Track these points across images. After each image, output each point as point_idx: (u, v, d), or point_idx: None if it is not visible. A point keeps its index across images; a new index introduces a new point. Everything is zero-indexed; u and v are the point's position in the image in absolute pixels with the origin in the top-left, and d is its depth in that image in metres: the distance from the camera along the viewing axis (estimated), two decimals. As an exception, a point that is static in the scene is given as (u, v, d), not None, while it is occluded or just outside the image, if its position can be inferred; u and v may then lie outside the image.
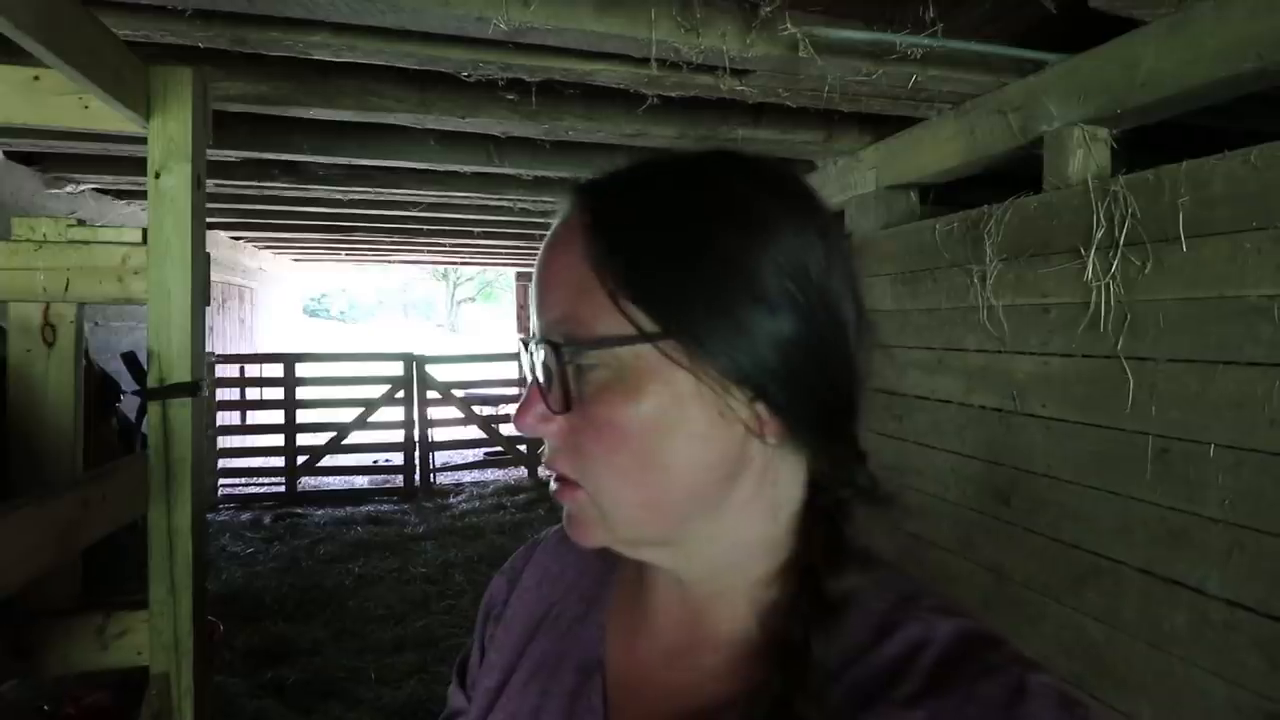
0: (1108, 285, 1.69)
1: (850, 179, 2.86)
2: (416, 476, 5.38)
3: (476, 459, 6.13)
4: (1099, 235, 1.71)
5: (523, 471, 5.88)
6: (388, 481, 5.56)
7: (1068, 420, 1.84)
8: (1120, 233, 1.67)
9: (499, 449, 5.98)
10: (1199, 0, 1.46)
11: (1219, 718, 1.43)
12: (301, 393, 5.29)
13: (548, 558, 0.54)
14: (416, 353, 5.48)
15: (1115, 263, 1.68)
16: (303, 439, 5.25)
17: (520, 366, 6.53)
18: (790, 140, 2.60)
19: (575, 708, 0.44)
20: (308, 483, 5.38)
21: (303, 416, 5.35)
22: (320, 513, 4.69)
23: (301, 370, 5.31)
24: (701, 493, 0.39)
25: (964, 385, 2.19)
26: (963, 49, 1.79)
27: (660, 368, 0.37)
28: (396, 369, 5.38)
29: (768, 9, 1.63)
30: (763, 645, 0.40)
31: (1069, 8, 1.56)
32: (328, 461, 5.34)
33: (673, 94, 2.06)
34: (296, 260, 7.83)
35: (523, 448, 5.84)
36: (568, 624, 0.48)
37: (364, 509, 4.82)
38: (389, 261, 7.65)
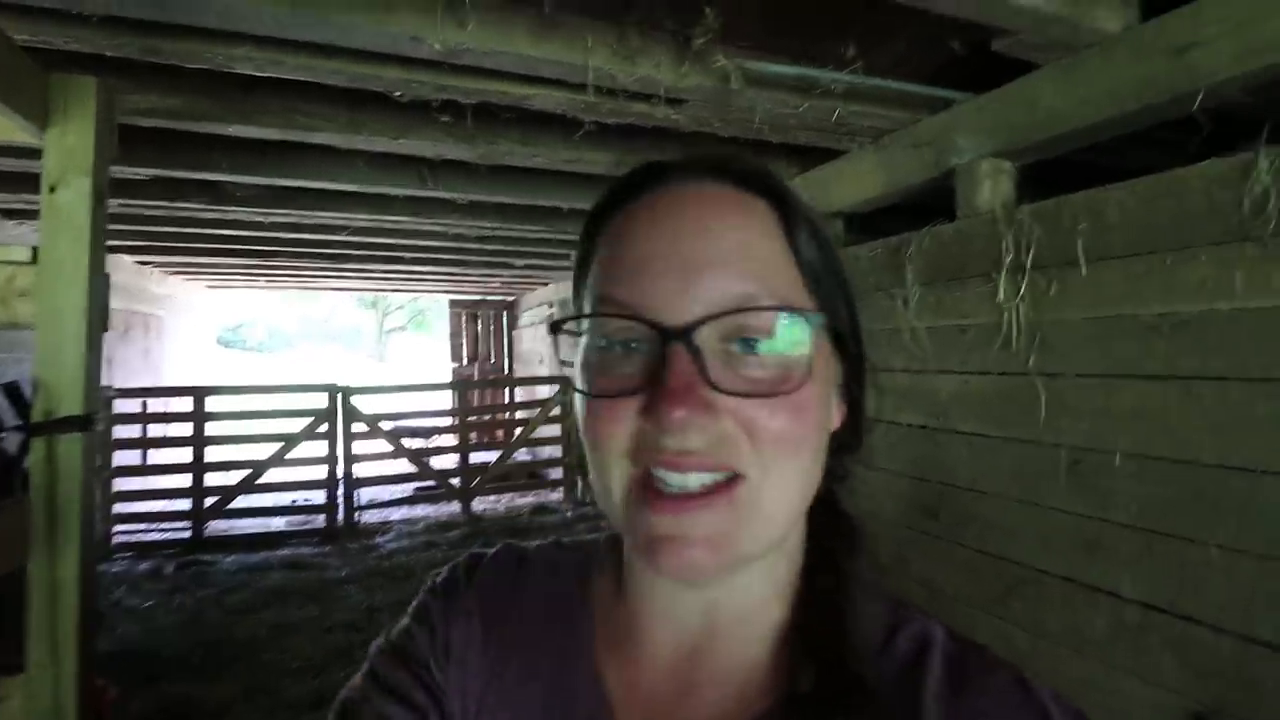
0: (1017, 306, 1.81)
1: (780, 208, 2.96)
2: (340, 515, 5.09)
3: (405, 494, 5.87)
4: (1008, 260, 1.83)
5: (455, 506, 5.67)
6: (308, 523, 5.22)
7: (988, 435, 1.93)
8: (1027, 257, 1.79)
9: (430, 483, 5.74)
10: (1087, 47, 1.61)
11: (1143, 716, 1.51)
12: (212, 428, 4.92)
13: (493, 593, 0.47)
14: (341, 383, 5.23)
15: (1023, 285, 1.79)
16: (212, 479, 4.87)
17: (455, 397, 6.27)
18: (723, 170, 2.68)
19: None
20: (217, 527, 4.97)
21: (213, 454, 4.97)
22: (230, 559, 4.33)
23: (213, 404, 4.95)
24: (816, 483, 0.39)
25: (893, 404, 2.27)
26: (880, 86, 1.91)
27: (826, 355, 0.39)
28: (320, 401, 5.10)
29: (700, 41, 1.68)
30: (783, 660, 0.40)
31: (975, 50, 1.69)
32: (241, 503, 4.97)
33: (609, 120, 2.09)
34: (211, 287, 7.38)
35: (456, 481, 5.64)
36: (549, 677, 0.42)
37: (280, 553, 4.49)
38: (313, 288, 7.33)
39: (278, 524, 5.20)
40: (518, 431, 6.11)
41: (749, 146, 2.58)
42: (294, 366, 23.77)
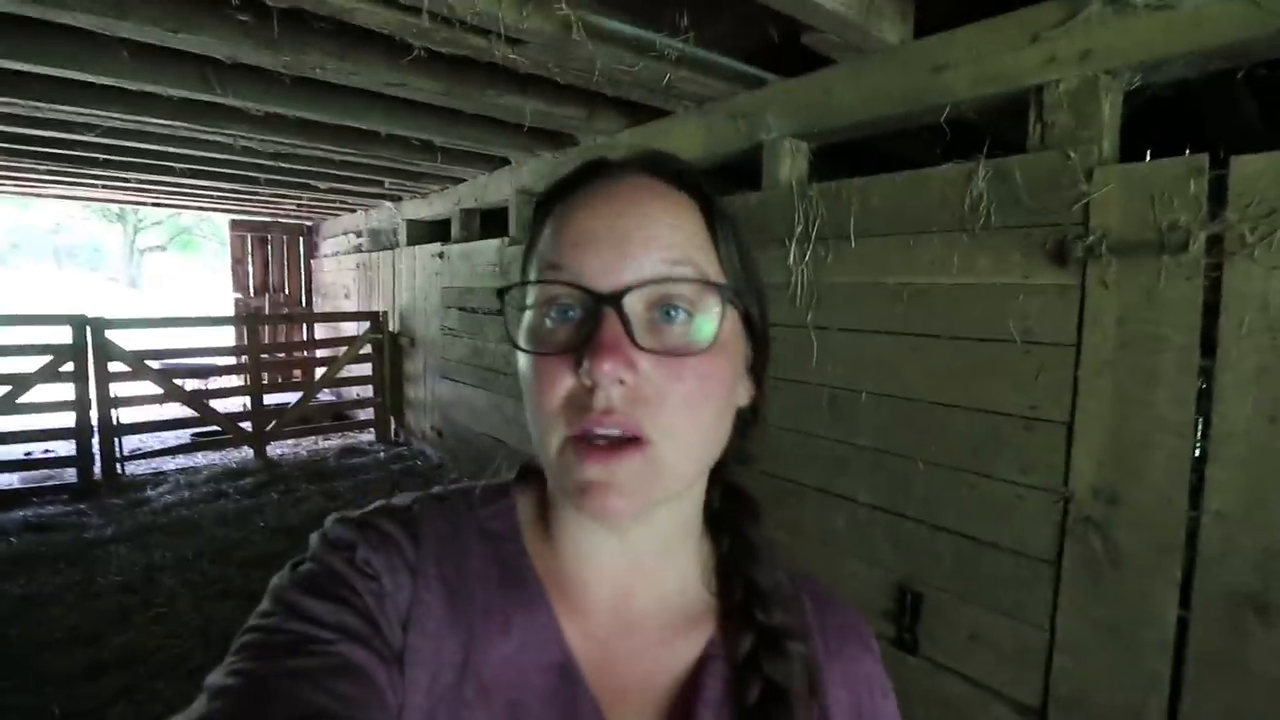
0: (803, 270, 2.14)
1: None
2: (97, 468, 4.35)
3: (182, 442, 5.17)
4: (799, 230, 2.15)
5: (246, 452, 5.13)
6: (52, 478, 4.39)
7: (775, 377, 2.29)
8: (813, 229, 2.12)
9: (214, 428, 5.11)
10: (874, 52, 1.91)
11: (866, 589, 1.97)
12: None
13: (438, 552, 0.45)
14: (92, 314, 4.37)
15: (809, 252, 2.12)
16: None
17: (243, 332, 5.53)
18: (555, 114, 2.69)
19: (567, 708, 0.42)
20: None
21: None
22: (-61, 525, 3.54)
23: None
24: (721, 445, 0.46)
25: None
26: (707, 57, 2.07)
27: (737, 333, 0.45)
28: (62, 335, 4.23)
29: (543, -15, 1.68)
30: (702, 590, 0.49)
31: (787, 39, 1.91)
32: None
33: (442, 50, 2.00)
34: None
35: (247, 425, 5.09)
36: (499, 627, 0.43)
37: (18, 515, 3.76)
38: (40, 195, 5.87)
39: (10, 481, 4.31)
40: (320, 371, 5.64)
41: (582, 96, 2.63)
42: (13, 290, 18.93)
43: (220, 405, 5.13)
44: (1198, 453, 1.40)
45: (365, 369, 5.71)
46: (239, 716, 0.33)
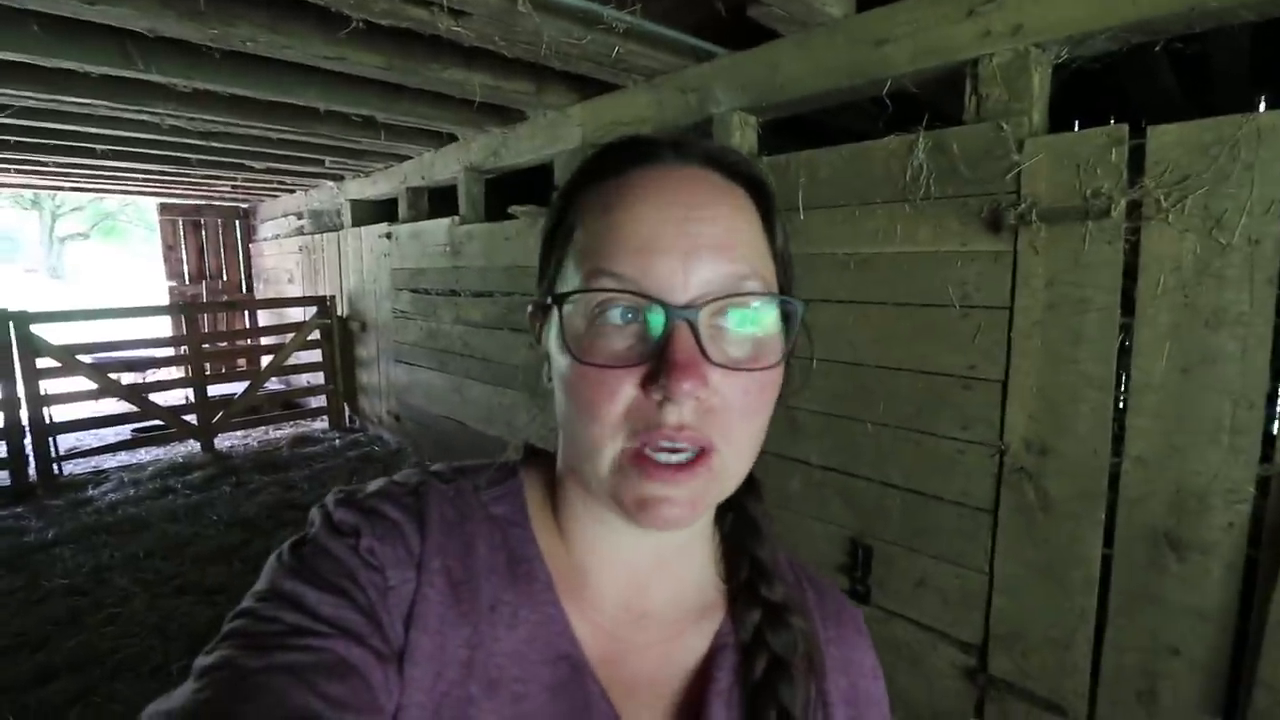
0: (757, 242, 2.18)
1: (559, 132, 3.03)
2: (32, 470, 4.13)
3: (123, 438, 4.94)
4: (752, 202, 2.18)
5: (193, 446, 4.95)
6: (-23, 481, 4.15)
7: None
8: (765, 201, 2.15)
9: (156, 423, 4.91)
10: (819, 25, 1.93)
11: (821, 545, 2.07)
12: None
13: (444, 542, 0.43)
14: (12, 309, 4.10)
15: (762, 225, 2.16)
16: None
17: (181, 322, 5.26)
18: (503, 88, 2.64)
19: (576, 701, 0.41)
20: None
21: None
22: None
23: None
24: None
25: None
26: (655, 30, 2.06)
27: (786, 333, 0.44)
28: (-23, 330, 3.97)
29: (485, -44, 1.64)
30: (717, 582, 0.50)
31: (733, 11, 1.92)
32: None
33: (382, 21, 1.93)
34: None
35: (191, 418, 4.90)
36: (506, 619, 0.42)
37: (-59, 522, 3.56)
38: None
39: (-74, 487, 4.06)
40: (266, 360, 5.45)
41: (529, 70, 2.58)
42: (-93, 282, 17.51)
43: (161, 399, 4.92)
44: (1120, 405, 1.51)
45: (315, 355, 5.55)
46: (223, 714, 0.32)
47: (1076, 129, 1.63)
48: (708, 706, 0.43)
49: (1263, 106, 2.97)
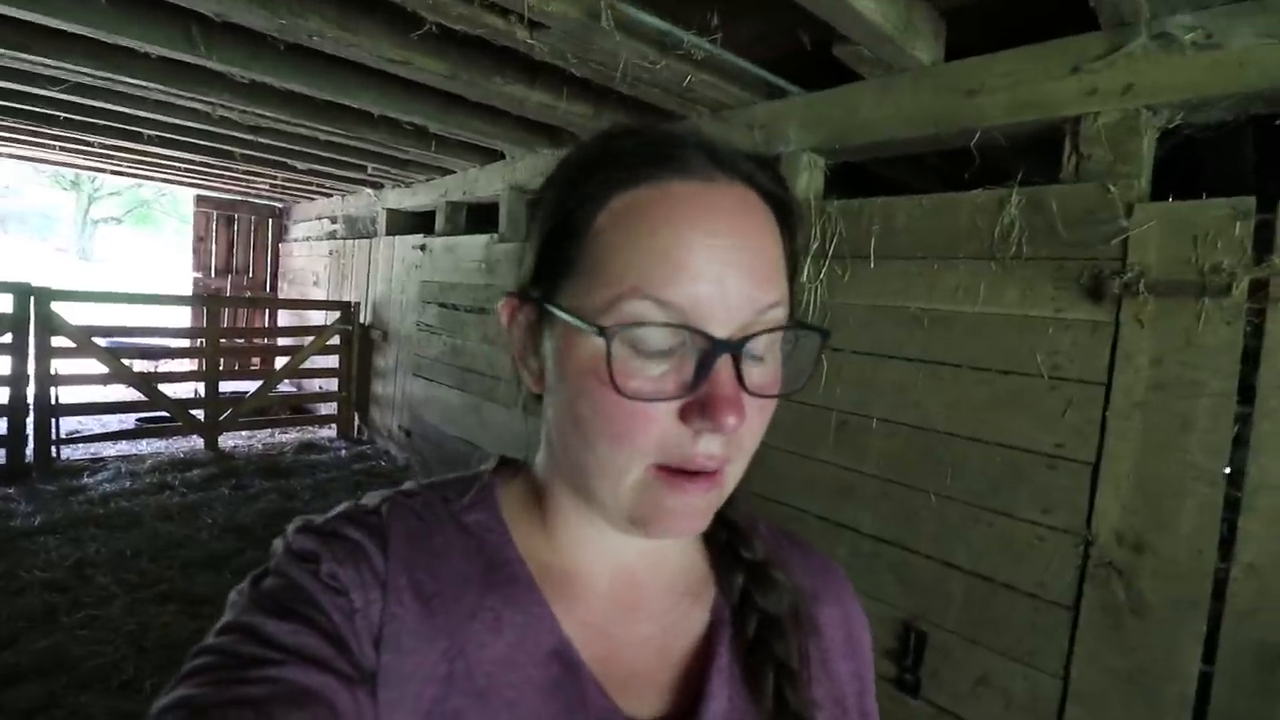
0: (817, 288, 2.07)
1: (612, 160, 2.96)
2: (30, 449, 4.01)
3: (126, 427, 4.83)
4: (814, 247, 2.08)
5: (196, 442, 4.82)
6: (-26, 457, 4.04)
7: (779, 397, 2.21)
8: (830, 246, 2.05)
9: (163, 414, 4.80)
10: (903, 71, 1.85)
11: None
12: None
13: (411, 556, 0.42)
14: (37, 283, 4.05)
15: (824, 270, 2.05)
16: None
17: (202, 314, 5.22)
18: (560, 109, 2.58)
19: (572, 698, 0.40)
20: None
21: None
22: None
23: None
24: None
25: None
26: (731, 61, 1.99)
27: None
28: (3, 304, 3.90)
29: (574, -34, 1.58)
30: (703, 563, 0.50)
31: (818, 48, 1.85)
32: None
33: (455, 26, 1.87)
34: None
35: (199, 413, 4.78)
36: (489, 625, 0.41)
37: (-71, 496, 3.43)
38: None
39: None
40: (281, 360, 5.36)
41: (591, 92, 2.53)
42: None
43: (171, 390, 4.82)
44: (1231, 504, 1.36)
45: (331, 361, 5.45)
46: None
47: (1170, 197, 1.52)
48: (708, 684, 0.43)
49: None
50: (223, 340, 5.37)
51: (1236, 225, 1.34)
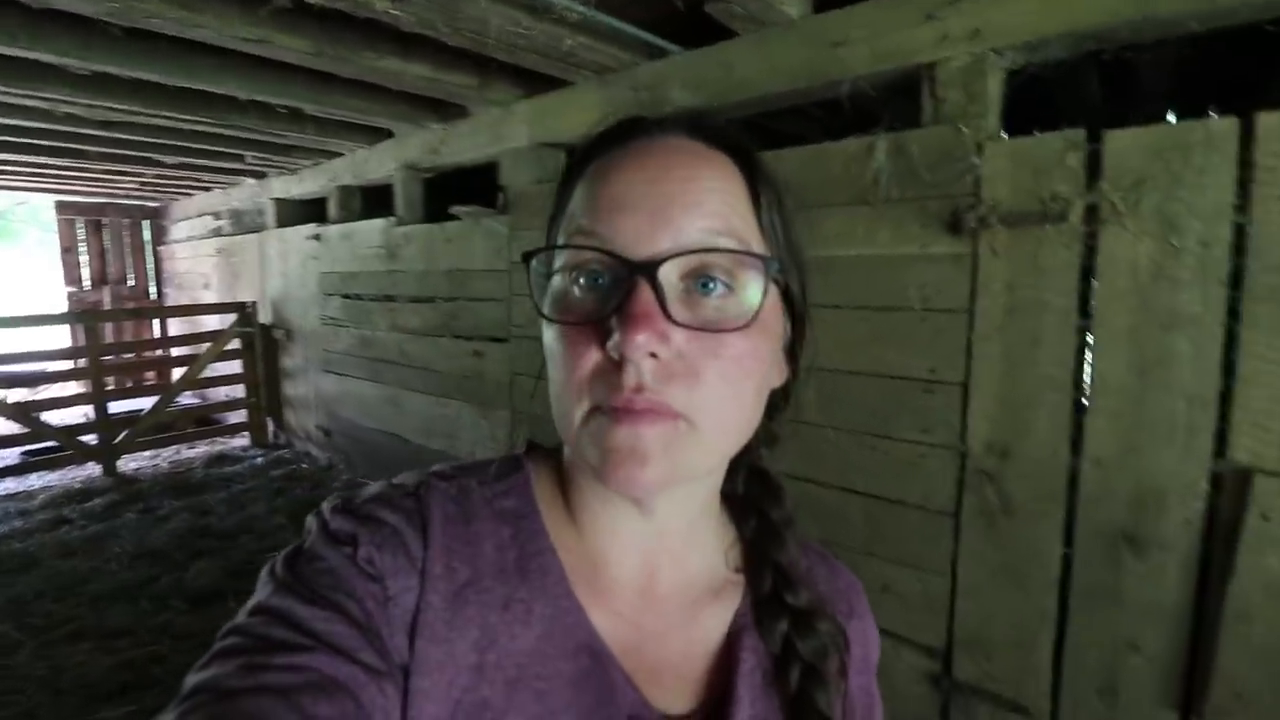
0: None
1: (503, 130, 2.90)
2: (-108, 499, 3.62)
3: (10, 463, 4.42)
4: (707, 204, 2.13)
5: (92, 469, 4.48)
6: None
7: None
8: (722, 203, 2.10)
9: (50, 444, 4.42)
10: (775, 25, 1.90)
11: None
12: None
13: (449, 545, 0.42)
14: None
15: (719, 227, 2.11)
16: None
17: (79, 332, 4.80)
18: (443, 81, 2.49)
19: (601, 690, 0.40)
20: None
21: None
22: None
23: None
24: (755, 425, 0.44)
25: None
26: (607, 23, 1.98)
27: (776, 310, 0.43)
28: None
29: (427, -68, 1.52)
30: (727, 571, 0.49)
31: (690, 7, 1.86)
32: None
33: (310, 0, 1.77)
34: None
35: (91, 438, 4.43)
36: (520, 616, 0.41)
37: None
38: None
39: None
40: (178, 372, 5.01)
41: (472, 61, 2.45)
42: None
43: (56, 417, 4.44)
44: (1079, 407, 1.53)
45: (235, 367, 5.15)
46: None
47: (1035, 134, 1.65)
48: (734, 689, 0.43)
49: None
50: (108, 357, 4.96)
51: (1069, 156, 1.48)
